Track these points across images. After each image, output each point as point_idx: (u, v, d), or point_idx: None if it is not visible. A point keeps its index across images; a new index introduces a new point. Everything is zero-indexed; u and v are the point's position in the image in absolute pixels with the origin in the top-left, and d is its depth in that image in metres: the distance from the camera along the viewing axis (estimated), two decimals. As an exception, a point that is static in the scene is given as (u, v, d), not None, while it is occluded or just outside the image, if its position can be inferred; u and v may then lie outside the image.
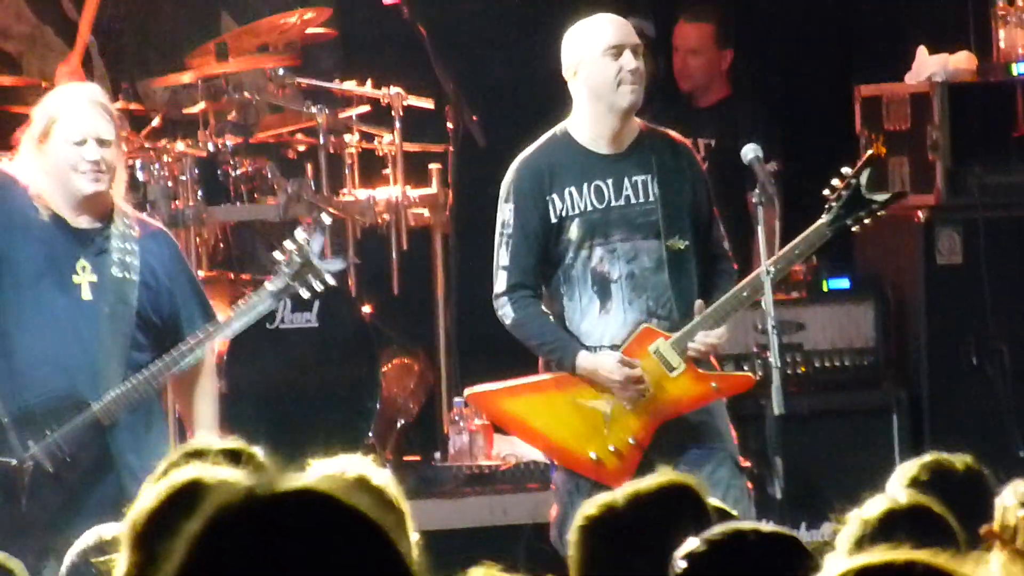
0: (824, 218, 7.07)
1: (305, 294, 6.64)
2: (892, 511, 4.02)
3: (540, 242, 7.43)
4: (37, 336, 6.12)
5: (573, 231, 7.38)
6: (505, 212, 7.44)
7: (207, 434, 5.96)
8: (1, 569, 4.99)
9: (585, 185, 7.42)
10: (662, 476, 3.96)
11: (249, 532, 1.86)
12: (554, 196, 7.40)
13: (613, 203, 7.42)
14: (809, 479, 7.54)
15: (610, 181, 7.40)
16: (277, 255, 6.61)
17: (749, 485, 7.12)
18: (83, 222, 6.14)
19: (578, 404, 7.42)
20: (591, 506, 4.06)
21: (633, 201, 7.40)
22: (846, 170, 7.06)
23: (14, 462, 6.00)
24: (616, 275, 7.36)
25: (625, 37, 7.41)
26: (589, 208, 7.45)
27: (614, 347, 7.25)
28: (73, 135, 6.24)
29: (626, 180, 7.38)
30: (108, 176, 6.14)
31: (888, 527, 3.86)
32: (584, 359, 7.17)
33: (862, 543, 3.74)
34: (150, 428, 6.35)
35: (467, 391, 7.80)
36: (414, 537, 3.55)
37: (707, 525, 3.59)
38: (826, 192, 6.99)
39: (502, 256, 7.44)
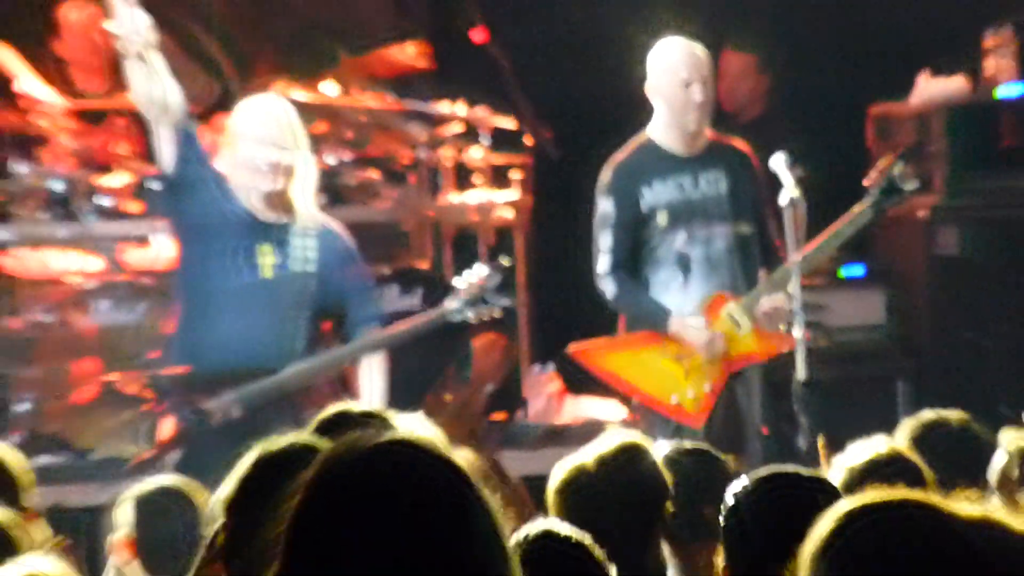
0: (867, 201, 7.89)
1: (473, 320, 7.43)
2: (874, 459, 4.63)
3: (633, 229, 8.09)
4: (224, 307, 6.86)
5: (660, 218, 8.04)
6: (604, 205, 8.10)
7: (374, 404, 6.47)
8: (182, 496, 5.56)
9: (669, 180, 8.13)
10: (620, 438, 4.27)
11: (351, 476, 2.20)
12: (643, 190, 8.08)
13: (692, 196, 8.15)
14: (827, 435, 7.88)
15: (688, 178, 8.13)
16: (458, 282, 7.45)
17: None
18: (270, 216, 6.86)
19: (664, 358, 8.05)
20: (564, 470, 4.56)
21: (708, 194, 8.15)
22: (882, 162, 8.02)
23: (206, 413, 6.70)
24: (695, 255, 8.07)
25: (697, 71, 8.14)
26: (673, 199, 8.15)
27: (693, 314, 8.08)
28: (256, 139, 7.00)
29: (701, 177, 8.12)
30: (286, 177, 6.85)
31: (870, 472, 4.51)
32: (675, 323, 7.92)
33: (850, 486, 4.28)
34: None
35: (572, 346, 8.41)
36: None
37: (660, 475, 4.33)
38: (865, 182, 7.91)
39: (603, 242, 8.12)
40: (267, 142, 7.07)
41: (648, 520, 4.60)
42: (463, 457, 3.26)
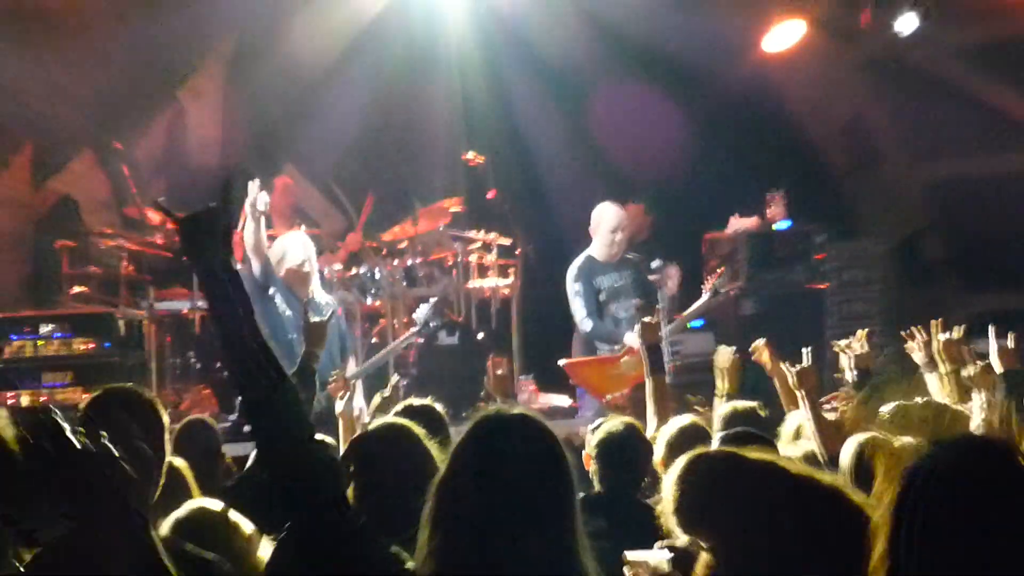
0: (706, 296, 10.93)
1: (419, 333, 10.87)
2: (683, 428, 6.20)
3: (592, 297, 11.16)
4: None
5: (601, 296, 11.26)
6: (576, 286, 11.19)
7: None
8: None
9: (604, 277, 11.27)
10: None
11: (496, 436, 3.29)
12: (594, 280, 11.21)
13: (615, 284, 11.30)
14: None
15: (613, 275, 11.29)
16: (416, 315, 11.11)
17: None
18: (301, 295, 9.80)
19: (602, 374, 11.04)
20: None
21: (622, 284, 11.31)
22: (719, 274, 11.04)
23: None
24: (621, 315, 11.20)
25: (620, 224, 11.33)
26: (607, 286, 11.30)
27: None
28: (293, 260, 9.90)
29: (618, 275, 11.27)
30: (310, 277, 9.99)
31: (684, 436, 6.01)
32: (629, 338, 10.55)
33: (672, 447, 5.89)
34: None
35: (561, 362, 11.28)
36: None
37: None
38: (704, 285, 10.93)
39: (578, 305, 11.17)
40: (300, 260, 10.00)
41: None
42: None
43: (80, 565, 3.04)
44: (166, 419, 4.68)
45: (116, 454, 2.97)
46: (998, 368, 6.74)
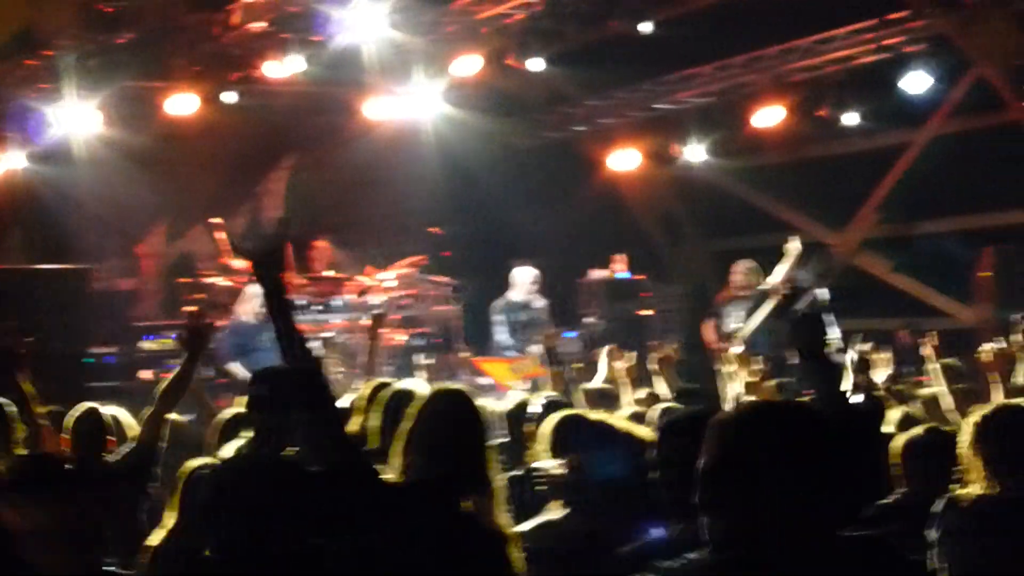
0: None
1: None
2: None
3: (511, 326, 13.47)
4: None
5: (513, 325, 13.49)
6: (499, 316, 13.55)
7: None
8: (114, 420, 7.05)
9: (514, 312, 13.71)
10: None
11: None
12: (509, 314, 13.65)
13: (521, 317, 13.58)
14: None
15: (523, 312, 13.70)
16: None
17: None
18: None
19: (505, 369, 13.13)
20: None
21: (528, 319, 13.52)
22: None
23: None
24: (524, 338, 13.29)
25: (532, 278, 13.73)
26: (516, 319, 13.62)
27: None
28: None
29: (525, 311, 13.62)
30: None
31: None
32: (533, 348, 12.53)
33: None
34: None
35: (473, 359, 13.60)
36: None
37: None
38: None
39: (500, 328, 13.51)
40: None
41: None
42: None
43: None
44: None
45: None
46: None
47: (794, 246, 13.16)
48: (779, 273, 13.23)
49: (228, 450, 5.46)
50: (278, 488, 3.57)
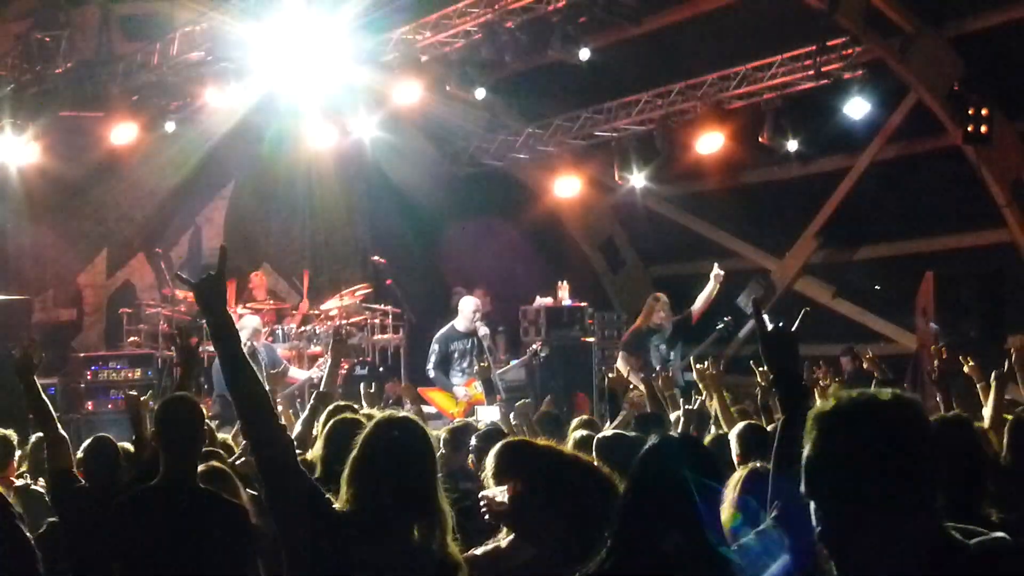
0: (528, 355, 15.51)
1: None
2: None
3: (440, 356, 13.29)
4: None
5: (454, 355, 13.38)
6: (434, 346, 13.38)
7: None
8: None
9: (458, 343, 13.38)
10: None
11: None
12: (451, 343, 13.36)
13: (465, 347, 13.28)
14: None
15: (466, 341, 13.31)
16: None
17: None
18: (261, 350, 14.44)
19: (446, 398, 13.28)
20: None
21: (469, 346, 13.30)
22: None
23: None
24: (464, 368, 13.24)
25: (476, 307, 13.30)
26: (457, 348, 13.35)
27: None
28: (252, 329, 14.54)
29: (468, 342, 13.30)
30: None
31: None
32: (456, 389, 13.02)
33: None
34: None
35: (419, 389, 12.10)
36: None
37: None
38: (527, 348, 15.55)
39: (433, 357, 13.35)
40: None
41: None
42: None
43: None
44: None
45: None
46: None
47: (716, 273, 13.49)
48: (700, 300, 13.61)
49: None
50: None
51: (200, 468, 5.94)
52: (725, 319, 14.19)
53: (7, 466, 7.35)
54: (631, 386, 9.96)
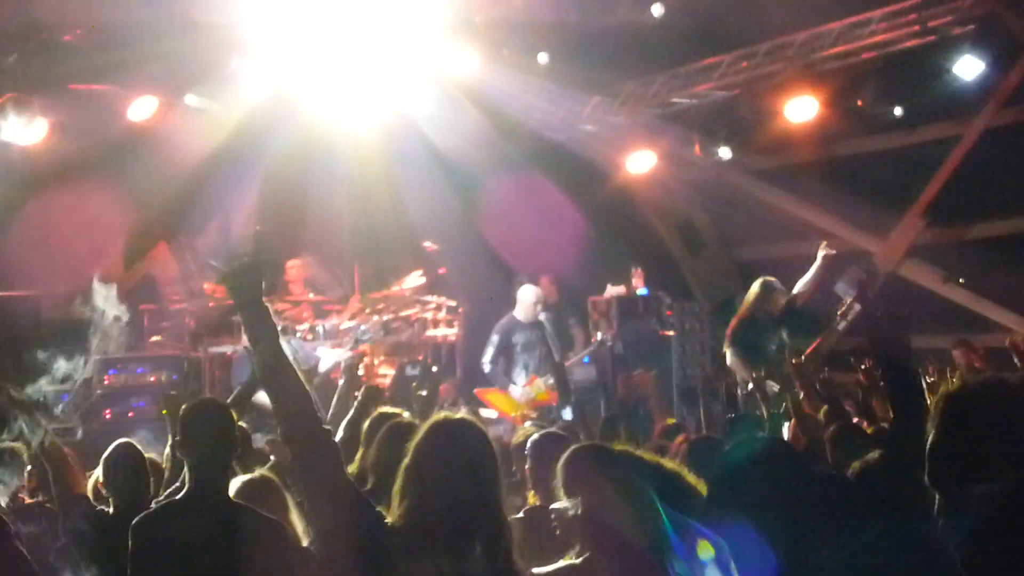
0: (595, 344, 15.11)
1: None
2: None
3: (499, 349, 14.09)
4: None
5: (516, 347, 14.08)
6: (493, 337, 14.18)
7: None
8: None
9: (520, 333, 14.17)
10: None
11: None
12: (513, 335, 14.11)
13: (528, 339, 14.06)
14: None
15: (529, 332, 14.16)
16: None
17: None
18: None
19: (506, 398, 13.86)
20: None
21: (536, 338, 14.11)
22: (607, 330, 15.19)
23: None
24: (527, 361, 14.00)
25: (538, 297, 14.27)
26: (520, 340, 14.08)
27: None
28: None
29: (532, 333, 14.11)
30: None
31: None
32: (512, 388, 13.75)
33: None
34: None
35: (476, 390, 14.12)
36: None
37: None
38: (593, 338, 15.24)
39: (491, 349, 14.16)
40: None
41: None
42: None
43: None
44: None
45: None
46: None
47: (825, 253, 13.11)
48: (804, 283, 13.17)
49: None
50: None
51: (246, 478, 6.00)
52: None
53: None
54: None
